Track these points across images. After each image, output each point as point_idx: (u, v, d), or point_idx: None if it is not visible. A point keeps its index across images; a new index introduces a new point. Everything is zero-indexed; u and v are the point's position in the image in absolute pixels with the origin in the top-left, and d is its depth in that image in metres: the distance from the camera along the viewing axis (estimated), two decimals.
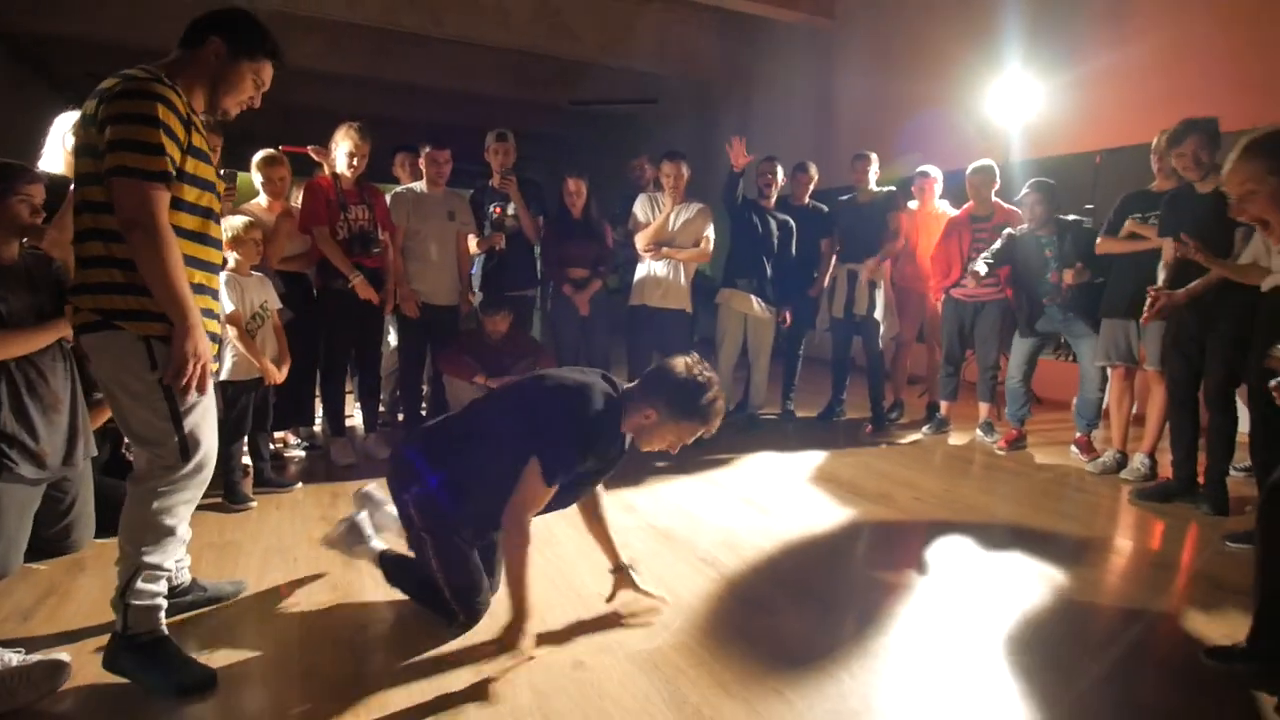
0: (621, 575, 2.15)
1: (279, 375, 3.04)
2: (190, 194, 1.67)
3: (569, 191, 4.18)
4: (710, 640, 1.98)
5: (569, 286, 4.17)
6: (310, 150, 3.84)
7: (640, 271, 4.25)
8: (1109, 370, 3.70)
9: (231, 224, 2.90)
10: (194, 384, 1.62)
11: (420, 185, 3.95)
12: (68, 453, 2.27)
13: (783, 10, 7.28)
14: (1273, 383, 1.80)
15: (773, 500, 3.21)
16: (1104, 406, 3.89)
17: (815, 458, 3.93)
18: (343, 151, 3.49)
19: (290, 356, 3.17)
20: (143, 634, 1.68)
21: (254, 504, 2.97)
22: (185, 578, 2.07)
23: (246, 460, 3.16)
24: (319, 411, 3.93)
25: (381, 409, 4.28)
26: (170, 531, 1.71)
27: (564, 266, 4.19)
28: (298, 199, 3.75)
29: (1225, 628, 2.07)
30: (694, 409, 1.91)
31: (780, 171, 4.41)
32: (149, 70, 1.63)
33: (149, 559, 1.68)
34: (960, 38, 6.18)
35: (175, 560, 1.79)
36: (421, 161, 3.94)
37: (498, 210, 4.11)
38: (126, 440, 2.96)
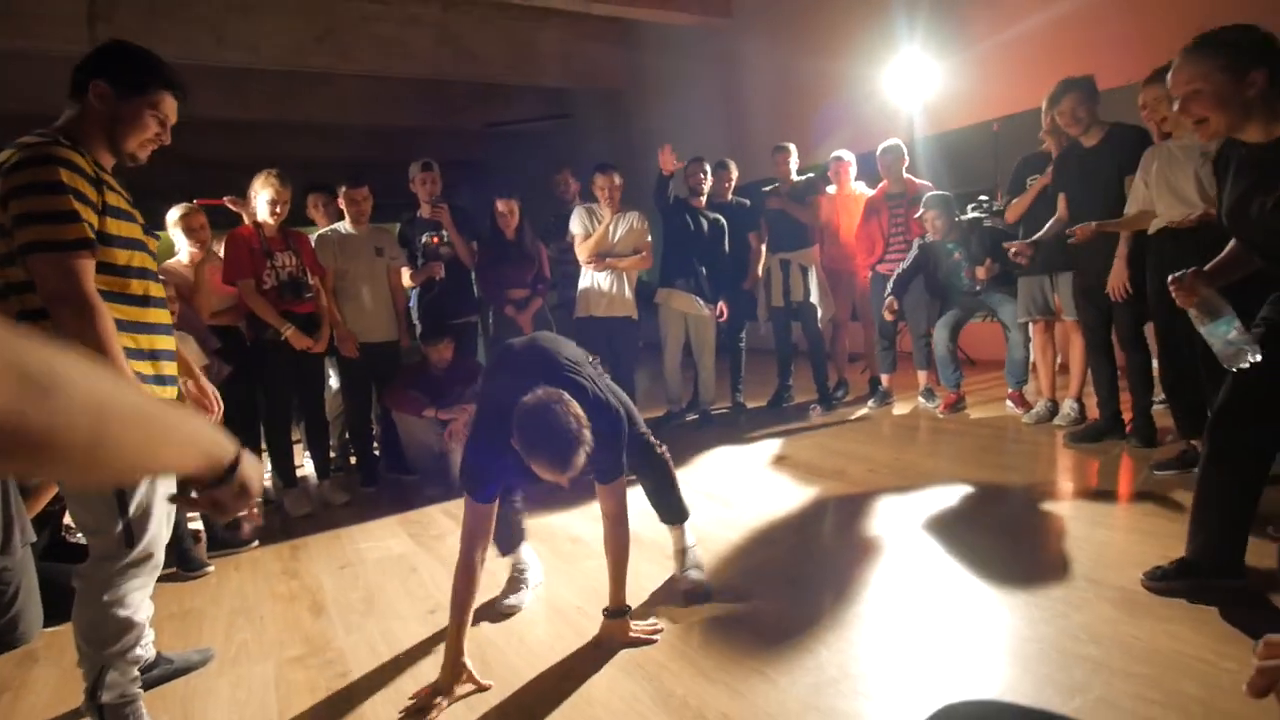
0: (612, 622, 2.00)
1: None
2: (121, 256, 1.58)
3: (500, 213, 4.19)
4: (689, 634, 2.02)
5: (510, 308, 4.17)
6: (227, 201, 3.75)
7: (583, 283, 4.28)
8: (1030, 325, 3.91)
9: None
10: None
11: (344, 225, 3.90)
12: (4, 541, 2.17)
13: (677, 14, 7.43)
14: (1191, 313, 1.80)
15: (734, 491, 3.28)
16: (1031, 362, 4.11)
17: (770, 445, 4.03)
18: (263, 200, 3.43)
19: (226, 413, 3.09)
20: None
21: (211, 568, 2.87)
22: (150, 653, 1.98)
23: (196, 525, 3.07)
24: (267, 465, 3.83)
25: (332, 454, 4.20)
26: (128, 623, 1.63)
27: (502, 288, 4.19)
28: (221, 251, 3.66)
29: (1161, 548, 2.22)
30: (530, 449, 1.70)
31: (708, 170, 4.52)
32: (44, 134, 1.52)
33: (112, 651, 1.61)
34: (855, 24, 6.44)
35: (141, 644, 1.73)
36: (341, 201, 3.89)
37: (435, 240, 4.09)
38: (66, 522, 2.85)
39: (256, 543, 3.14)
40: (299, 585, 2.64)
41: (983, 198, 4.22)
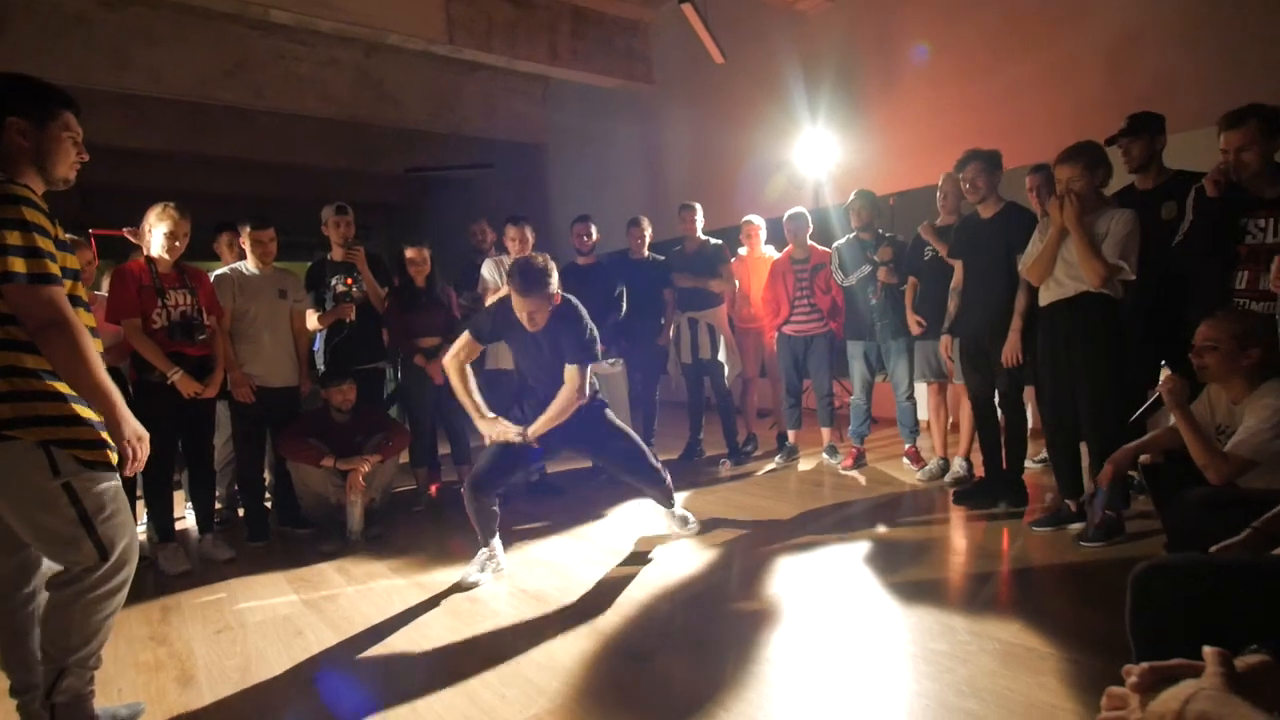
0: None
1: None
2: (66, 287, 1.67)
3: (411, 260, 4.12)
4: (588, 699, 1.98)
5: (420, 356, 4.07)
6: (126, 232, 3.53)
7: None
8: (926, 385, 4.14)
9: None
10: (141, 463, 1.74)
11: (246, 265, 3.75)
12: None
13: (602, 77, 7.67)
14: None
15: (640, 547, 3.27)
16: (926, 420, 4.33)
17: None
18: (160, 233, 3.22)
19: None
20: None
21: None
22: None
23: None
24: (142, 518, 3.54)
25: (219, 505, 3.93)
26: (98, 629, 1.75)
27: (413, 337, 4.10)
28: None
29: (1038, 600, 2.36)
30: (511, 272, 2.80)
31: (593, 230, 4.58)
32: None
33: (75, 658, 1.72)
34: (765, 99, 6.82)
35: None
36: (244, 242, 3.74)
37: (349, 282, 3.98)
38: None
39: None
40: (166, 653, 2.43)
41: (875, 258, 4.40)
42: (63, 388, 1.65)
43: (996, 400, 3.46)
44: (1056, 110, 4.89)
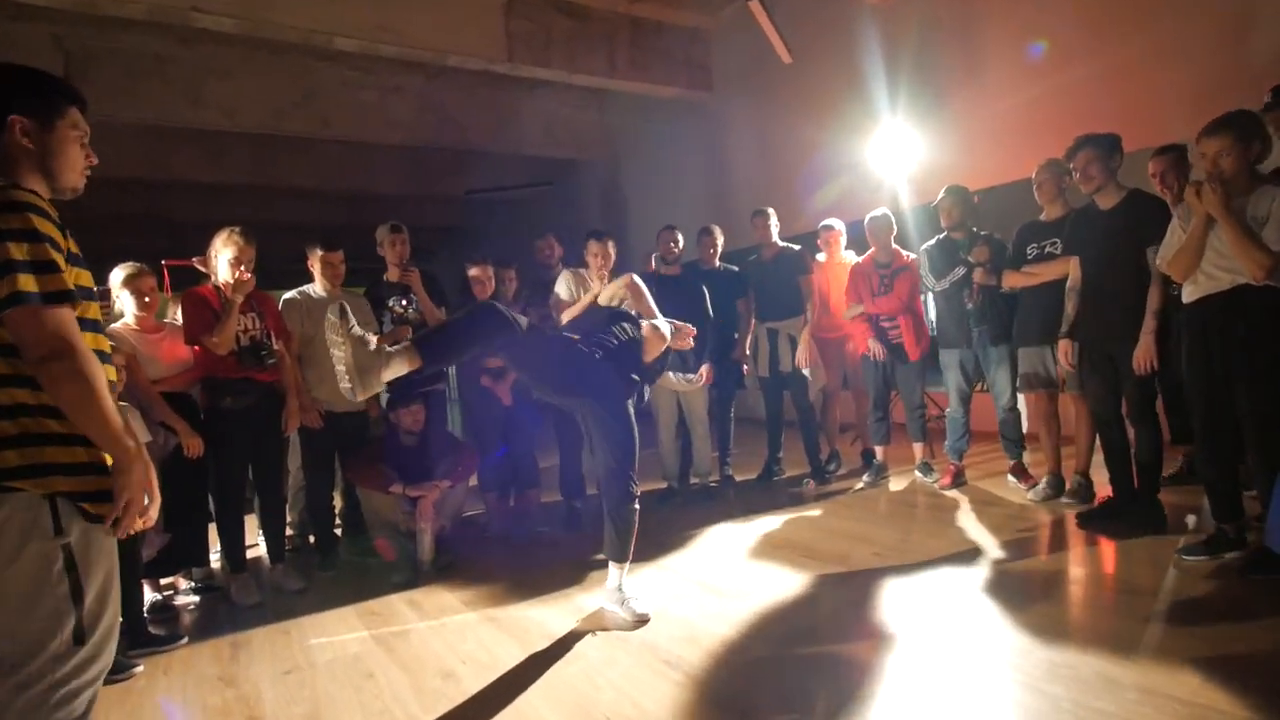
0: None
1: (137, 523, 2.64)
2: (77, 309, 1.42)
3: (475, 279, 4.00)
4: None
5: (487, 378, 3.94)
6: (195, 262, 3.52)
7: None
8: (1029, 395, 3.76)
9: None
10: (138, 522, 1.47)
11: (315, 288, 3.69)
12: None
13: (660, 87, 7.52)
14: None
15: (728, 580, 3.01)
16: (1025, 428, 3.94)
17: (763, 524, 3.76)
18: (225, 259, 3.19)
19: (174, 489, 2.79)
20: None
21: (139, 668, 2.53)
22: None
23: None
24: (215, 547, 3.49)
25: (290, 532, 3.86)
26: None
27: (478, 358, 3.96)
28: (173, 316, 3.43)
29: (1209, 645, 2.00)
30: None
31: (679, 239, 4.39)
32: None
33: None
34: (835, 94, 6.51)
35: None
36: (314, 264, 3.69)
37: (405, 304, 3.89)
38: None
39: (186, 639, 2.79)
40: (235, 695, 2.30)
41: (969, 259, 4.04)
42: (70, 428, 1.39)
43: (1124, 412, 3.08)
44: (1167, 93, 4.44)
